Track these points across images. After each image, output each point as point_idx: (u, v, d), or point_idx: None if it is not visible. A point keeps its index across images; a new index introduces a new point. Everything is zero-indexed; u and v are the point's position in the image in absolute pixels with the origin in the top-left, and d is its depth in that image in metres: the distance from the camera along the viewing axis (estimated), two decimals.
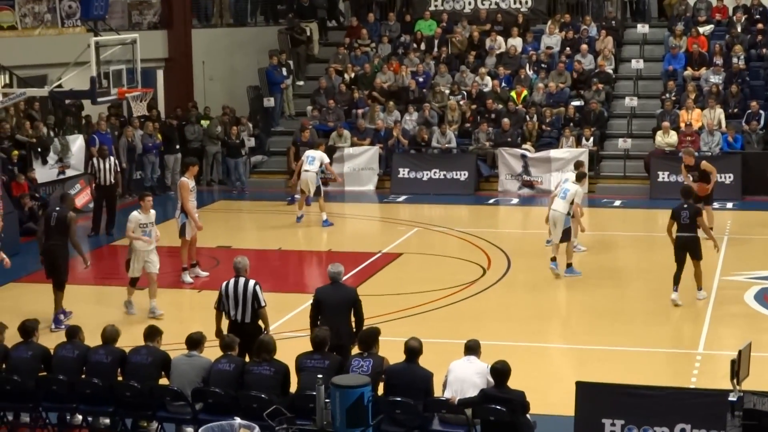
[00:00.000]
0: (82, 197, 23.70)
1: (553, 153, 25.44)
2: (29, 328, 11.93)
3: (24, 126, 23.80)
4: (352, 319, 12.43)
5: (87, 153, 23.97)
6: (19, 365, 11.60)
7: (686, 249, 16.26)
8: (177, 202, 18.39)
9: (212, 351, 11.67)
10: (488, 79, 27.72)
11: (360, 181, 26.39)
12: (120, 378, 11.52)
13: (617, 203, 24.43)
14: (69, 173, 24.05)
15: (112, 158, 22.38)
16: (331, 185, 25.30)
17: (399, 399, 10.54)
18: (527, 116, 26.51)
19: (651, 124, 26.39)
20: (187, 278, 18.10)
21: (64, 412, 11.75)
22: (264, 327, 12.57)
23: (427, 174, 26.09)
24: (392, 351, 11.20)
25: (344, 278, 13.33)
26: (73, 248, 16.04)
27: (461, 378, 10.80)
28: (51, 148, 23.72)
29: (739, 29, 27.95)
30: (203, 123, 27.42)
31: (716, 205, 21.27)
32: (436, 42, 29.34)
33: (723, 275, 17.97)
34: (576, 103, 26.72)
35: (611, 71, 27.94)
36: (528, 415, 10.45)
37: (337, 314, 12.33)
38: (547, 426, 11.25)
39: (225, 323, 12.63)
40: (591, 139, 25.65)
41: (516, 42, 28.72)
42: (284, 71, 28.62)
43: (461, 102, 27.13)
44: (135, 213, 16.29)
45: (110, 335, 11.73)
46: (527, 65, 28.04)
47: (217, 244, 20.51)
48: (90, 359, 11.58)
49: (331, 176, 24.23)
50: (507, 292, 17.59)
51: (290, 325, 15.19)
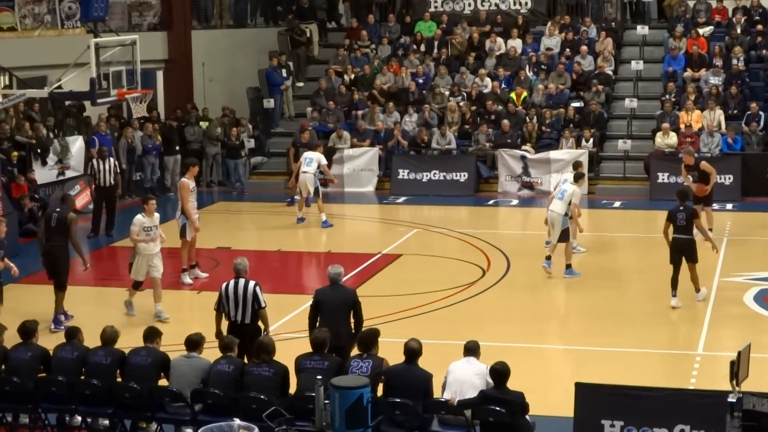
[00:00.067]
0: (82, 198, 23.67)
1: (553, 154, 25.43)
2: (29, 330, 11.91)
3: (24, 127, 23.78)
4: (352, 321, 12.42)
5: (87, 154, 23.94)
6: (19, 366, 11.59)
7: (682, 252, 16.23)
8: (177, 203, 18.40)
9: (212, 352, 11.66)
10: (488, 81, 27.71)
11: (360, 183, 26.38)
12: (119, 379, 11.51)
13: (617, 204, 24.42)
14: (69, 174, 24.01)
15: (112, 159, 22.36)
16: (331, 186, 25.32)
17: (398, 400, 10.53)
18: (527, 117, 26.51)
19: (651, 126, 26.38)
20: (187, 279, 18.10)
21: (64, 413, 11.74)
22: (264, 328, 12.57)
23: (427, 175, 26.07)
24: (392, 352, 11.19)
25: (344, 279, 13.31)
26: (73, 249, 16.05)
27: (461, 379, 10.79)
28: (51, 150, 23.69)
29: (739, 31, 27.94)
30: (203, 124, 27.38)
31: (716, 207, 21.29)
32: (436, 43, 29.32)
33: (722, 276, 17.95)
34: (576, 105, 26.71)
35: (611, 72, 27.94)
36: (527, 416, 10.45)
37: (337, 315, 12.31)
38: (547, 427, 11.24)
39: (225, 324, 12.62)
40: (591, 141, 25.64)
41: (516, 43, 28.70)
42: (284, 72, 28.62)
43: (461, 103, 27.12)
44: (139, 216, 16.27)
45: (110, 336, 11.72)
46: (527, 66, 28.02)
47: (217, 245, 20.50)
48: (89, 360, 11.58)
49: (329, 178, 24.24)
50: (506, 294, 17.58)
51: (290, 327, 15.17)
